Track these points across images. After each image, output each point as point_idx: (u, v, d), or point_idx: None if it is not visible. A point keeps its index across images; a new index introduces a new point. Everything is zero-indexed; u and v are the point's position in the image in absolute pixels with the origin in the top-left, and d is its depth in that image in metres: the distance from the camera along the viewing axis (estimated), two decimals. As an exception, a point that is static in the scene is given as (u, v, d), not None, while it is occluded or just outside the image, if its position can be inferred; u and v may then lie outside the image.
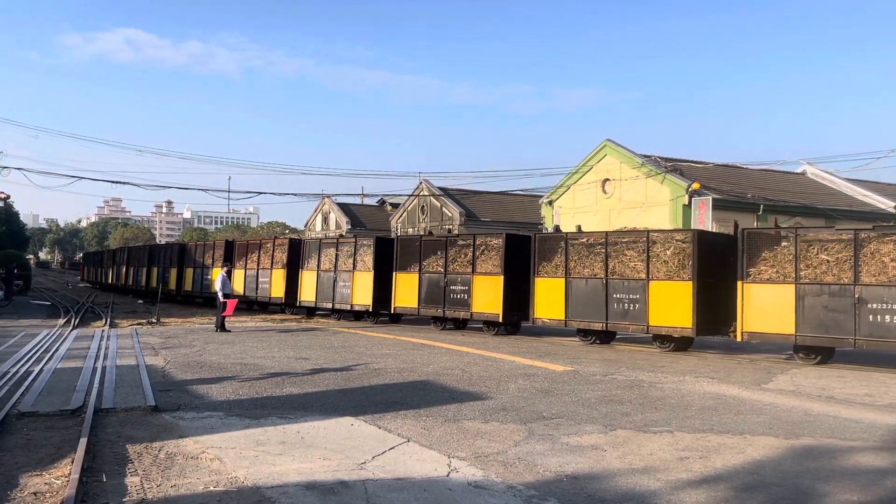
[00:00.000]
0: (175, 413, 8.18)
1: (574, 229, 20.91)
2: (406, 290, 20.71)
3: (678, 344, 15.60)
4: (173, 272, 33.11)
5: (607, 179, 31.94)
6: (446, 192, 45.47)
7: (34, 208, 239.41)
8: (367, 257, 22.15)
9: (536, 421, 8.08)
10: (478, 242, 19.29)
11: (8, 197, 39.66)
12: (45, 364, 11.85)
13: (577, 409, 8.77)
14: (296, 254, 24.96)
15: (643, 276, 15.62)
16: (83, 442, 6.40)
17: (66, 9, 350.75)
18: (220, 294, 19.16)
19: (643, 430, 7.70)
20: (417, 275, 20.36)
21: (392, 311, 21.50)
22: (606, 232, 17.40)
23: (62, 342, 15.46)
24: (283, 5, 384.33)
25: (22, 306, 28.15)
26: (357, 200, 59.55)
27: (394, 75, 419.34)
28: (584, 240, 17.11)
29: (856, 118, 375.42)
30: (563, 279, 16.98)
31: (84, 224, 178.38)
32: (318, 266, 23.75)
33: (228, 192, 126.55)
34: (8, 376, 10.47)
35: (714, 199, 27.46)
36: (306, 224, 64.25)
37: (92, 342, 15.45)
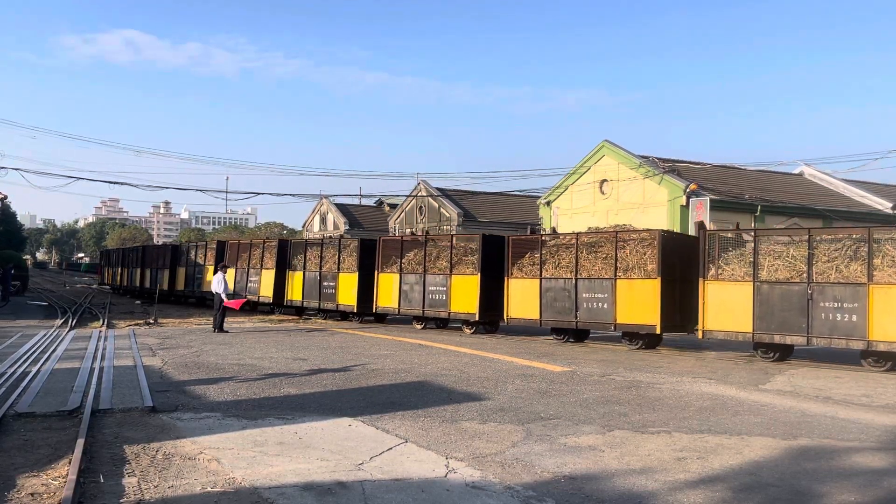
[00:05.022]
0: (172, 414, 8.17)
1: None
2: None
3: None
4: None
5: (605, 180, 31.96)
6: (444, 192, 45.46)
7: (31, 209, 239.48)
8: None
9: (534, 421, 8.08)
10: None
11: (5, 197, 39.57)
12: (42, 365, 11.81)
13: (575, 410, 8.78)
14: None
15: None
16: (80, 443, 6.39)
17: (65, 9, 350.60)
18: (223, 295, 19.14)
19: (641, 430, 7.71)
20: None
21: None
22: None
23: (59, 343, 15.42)
24: (282, 7, 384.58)
25: (19, 307, 28.07)
26: (355, 201, 59.51)
27: (392, 76, 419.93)
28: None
29: (854, 119, 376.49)
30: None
31: (81, 224, 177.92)
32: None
33: (226, 192, 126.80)
34: (5, 377, 10.44)
35: (712, 200, 27.48)
36: (304, 224, 64.17)
37: (89, 343, 15.42)
